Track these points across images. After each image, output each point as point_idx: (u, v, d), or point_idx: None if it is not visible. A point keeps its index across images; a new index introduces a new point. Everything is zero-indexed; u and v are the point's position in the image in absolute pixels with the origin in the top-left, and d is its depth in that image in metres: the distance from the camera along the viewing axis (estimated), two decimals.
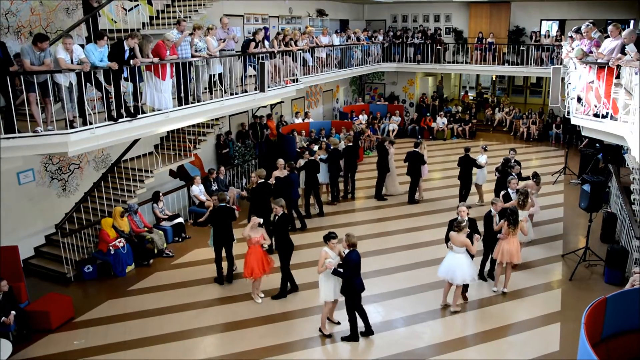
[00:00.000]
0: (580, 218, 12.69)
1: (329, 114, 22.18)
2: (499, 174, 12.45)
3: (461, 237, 8.61)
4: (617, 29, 8.58)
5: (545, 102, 23.47)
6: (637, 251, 9.79)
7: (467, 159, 13.47)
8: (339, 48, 18.48)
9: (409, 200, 14.39)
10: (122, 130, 9.08)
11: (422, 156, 13.90)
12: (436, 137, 21.62)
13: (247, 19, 16.78)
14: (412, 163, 13.95)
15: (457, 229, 8.62)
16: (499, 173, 12.52)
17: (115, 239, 10.54)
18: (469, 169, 13.53)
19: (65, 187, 11.14)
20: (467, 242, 8.64)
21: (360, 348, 8.15)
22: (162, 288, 10.06)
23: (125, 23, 11.64)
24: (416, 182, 14.25)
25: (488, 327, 8.69)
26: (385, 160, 14.34)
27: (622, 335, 7.15)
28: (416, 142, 14.30)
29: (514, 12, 22.29)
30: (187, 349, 8.16)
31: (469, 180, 13.63)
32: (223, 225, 9.88)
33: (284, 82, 13.41)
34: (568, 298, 9.52)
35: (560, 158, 18.02)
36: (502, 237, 9.34)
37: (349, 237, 7.88)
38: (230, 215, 9.95)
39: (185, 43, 10.34)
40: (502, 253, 9.37)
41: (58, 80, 7.97)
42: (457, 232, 8.62)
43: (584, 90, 8.98)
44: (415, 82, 24.24)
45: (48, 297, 9.03)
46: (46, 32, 10.28)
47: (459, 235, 8.62)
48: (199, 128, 13.20)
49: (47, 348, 8.19)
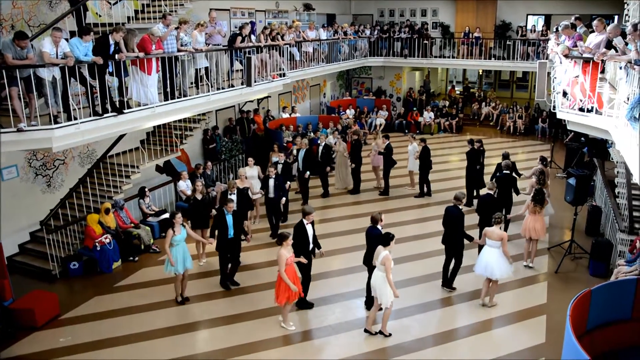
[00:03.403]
0: (565, 211, 12.81)
1: (316, 109, 22.15)
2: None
3: (498, 231, 8.75)
4: (602, 24, 8.67)
5: (532, 96, 23.62)
6: (621, 244, 9.93)
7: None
8: (326, 42, 18.44)
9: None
10: (108, 126, 8.98)
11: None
12: (423, 131, 21.67)
13: (234, 13, 16.67)
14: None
15: (495, 223, 8.79)
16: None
17: (102, 235, 10.45)
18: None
19: (50, 183, 11.01)
20: (504, 236, 8.78)
21: (347, 342, 8.18)
22: (149, 284, 10.00)
23: (110, 17, 11.50)
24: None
25: (475, 320, 8.75)
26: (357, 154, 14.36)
27: (606, 327, 7.26)
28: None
29: (500, 7, 22.39)
30: (175, 345, 8.12)
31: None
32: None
33: (271, 76, 13.35)
34: (554, 290, 9.62)
35: (546, 152, 18.13)
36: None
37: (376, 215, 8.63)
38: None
39: (171, 37, 10.25)
40: (529, 230, 10.23)
41: (41, 75, 7.84)
42: (495, 225, 8.78)
43: (570, 85, 9.05)
44: (402, 77, 24.28)
45: (33, 295, 8.93)
46: (29, 26, 10.16)
47: (495, 229, 8.76)
48: (186, 123, 13.11)
49: (32, 346, 8.10)
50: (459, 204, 9.31)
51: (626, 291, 7.34)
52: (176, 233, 8.96)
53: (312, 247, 8.88)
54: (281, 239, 8.11)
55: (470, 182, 13.44)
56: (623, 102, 7.28)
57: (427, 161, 14.05)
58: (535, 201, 10.24)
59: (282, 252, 7.98)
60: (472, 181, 13.41)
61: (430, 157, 14.12)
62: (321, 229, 12.20)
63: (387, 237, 7.89)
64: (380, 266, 7.83)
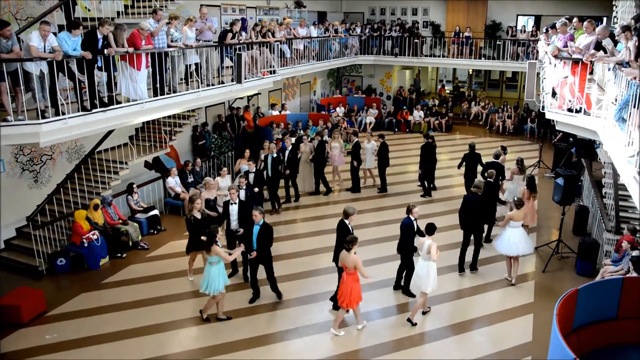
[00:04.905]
0: (553, 211, 12.90)
1: (306, 106, 22.11)
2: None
3: (521, 213, 9.71)
4: (592, 25, 8.74)
5: (521, 96, 23.79)
6: (607, 244, 10.01)
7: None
8: (316, 40, 18.41)
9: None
10: (96, 121, 8.90)
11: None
12: (413, 130, 21.73)
13: (225, 9, 16.59)
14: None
15: (517, 207, 9.66)
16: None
17: (89, 231, 10.37)
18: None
19: (37, 179, 10.90)
20: (523, 217, 9.81)
21: (337, 340, 8.19)
22: (136, 281, 9.95)
23: (99, 11, 11.37)
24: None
25: (463, 319, 8.80)
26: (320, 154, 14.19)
27: (592, 325, 7.32)
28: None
29: (490, 7, 22.48)
30: (162, 342, 8.09)
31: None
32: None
33: (261, 73, 13.30)
34: (541, 289, 9.70)
35: (534, 152, 18.26)
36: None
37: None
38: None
39: (162, 33, 10.16)
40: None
41: (28, 69, 7.74)
42: (518, 209, 9.68)
43: (559, 85, 9.11)
44: (392, 75, 24.32)
45: (19, 291, 8.83)
46: (16, 19, 10.04)
47: (519, 212, 9.66)
48: (175, 119, 13.03)
49: (18, 343, 8.03)
50: (478, 192, 10.03)
51: (612, 290, 7.40)
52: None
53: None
54: (350, 244, 7.83)
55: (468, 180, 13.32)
56: (611, 103, 7.34)
57: (385, 158, 14.19)
58: (530, 189, 11.04)
59: (354, 256, 7.83)
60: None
61: (388, 153, 14.27)
62: (308, 227, 12.25)
63: (432, 227, 8.39)
64: (426, 255, 8.23)
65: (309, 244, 11.44)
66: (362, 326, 8.46)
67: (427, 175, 14.41)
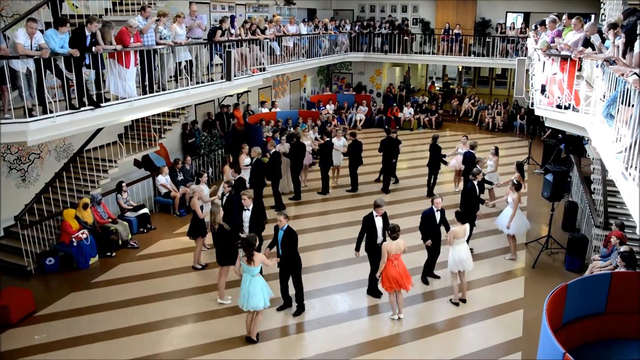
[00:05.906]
0: (542, 207, 12.99)
1: (296, 104, 22.09)
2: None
3: (515, 196, 10.34)
4: (580, 22, 8.78)
5: (510, 93, 23.86)
6: (596, 239, 10.09)
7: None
8: (306, 37, 18.38)
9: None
10: (84, 119, 8.81)
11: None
12: (403, 127, 21.75)
13: (214, 6, 16.50)
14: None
15: (514, 190, 10.35)
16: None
17: (78, 230, 10.29)
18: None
19: (25, 178, 10.80)
20: (515, 197, 10.36)
21: (327, 336, 8.20)
22: (126, 280, 9.89)
23: (87, 9, 11.28)
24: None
25: (453, 315, 8.84)
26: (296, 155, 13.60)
27: (581, 320, 7.38)
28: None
29: (480, 4, 22.57)
30: (153, 341, 8.05)
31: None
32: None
33: (251, 71, 13.25)
34: (531, 285, 9.76)
35: (524, 148, 18.37)
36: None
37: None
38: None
39: (150, 30, 10.09)
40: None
41: (14, 67, 7.65)
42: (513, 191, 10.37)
43: (548, 82, 9.16)
44: (382, 72, 24.34)
45: (7, 291, 8.74)
46: (1, 16, 9.92)
47: (514, 192, 10.36)
48: (164, 117, 12.95)
49: (7, 343, 7.95)
50: (473, 179, 10.51)
51: (600, 286, 7.47)
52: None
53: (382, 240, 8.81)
54: (393, 232, 8.24)
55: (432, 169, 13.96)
56: (599, 99, 7.39)
57: (357, 155, 14.11)
58: (520, 173, 11.31)
59: (402, 241, 8.34)
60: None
61: (361, 152, 14.20)
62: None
63: (464, 215, 9.03)
64: (464, 239, 8.96)
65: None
66: (399, 316, 8.68)
67: (388, 170, 14.39)
